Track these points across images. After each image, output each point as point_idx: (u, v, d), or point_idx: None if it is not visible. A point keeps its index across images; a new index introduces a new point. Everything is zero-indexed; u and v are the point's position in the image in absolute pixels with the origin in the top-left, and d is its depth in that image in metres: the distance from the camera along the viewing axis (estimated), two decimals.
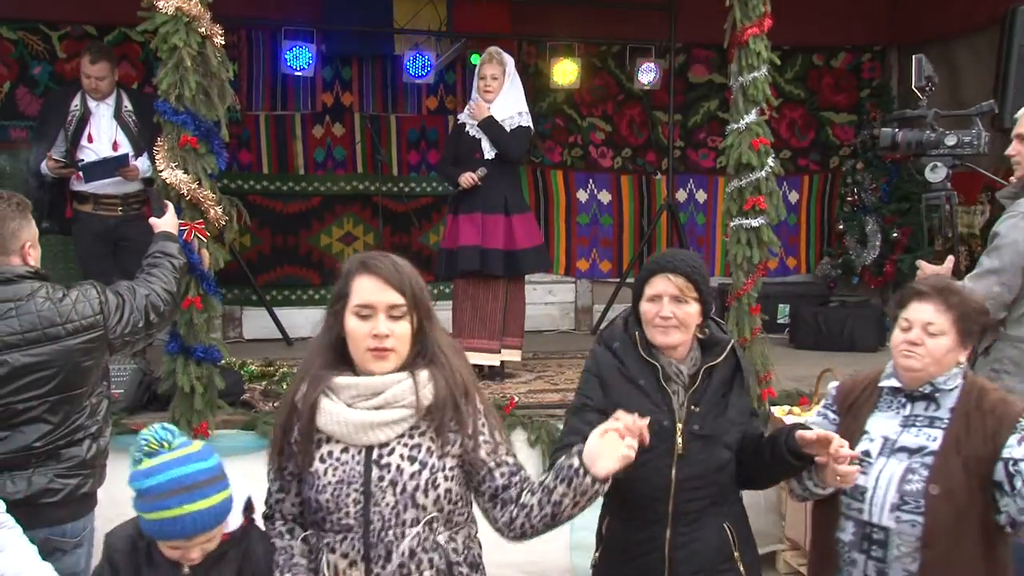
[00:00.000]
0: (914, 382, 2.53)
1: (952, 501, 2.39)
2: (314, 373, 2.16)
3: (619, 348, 2.57)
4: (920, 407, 2.54)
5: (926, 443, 2.48)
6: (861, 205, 7.32)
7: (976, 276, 3.40)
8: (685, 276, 2.49)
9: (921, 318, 2.50)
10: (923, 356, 2.48)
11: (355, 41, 6.89)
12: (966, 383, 2.55)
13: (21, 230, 2.80)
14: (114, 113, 5.22)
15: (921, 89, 3.82)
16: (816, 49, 7.69)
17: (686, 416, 2.49)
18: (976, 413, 2.48)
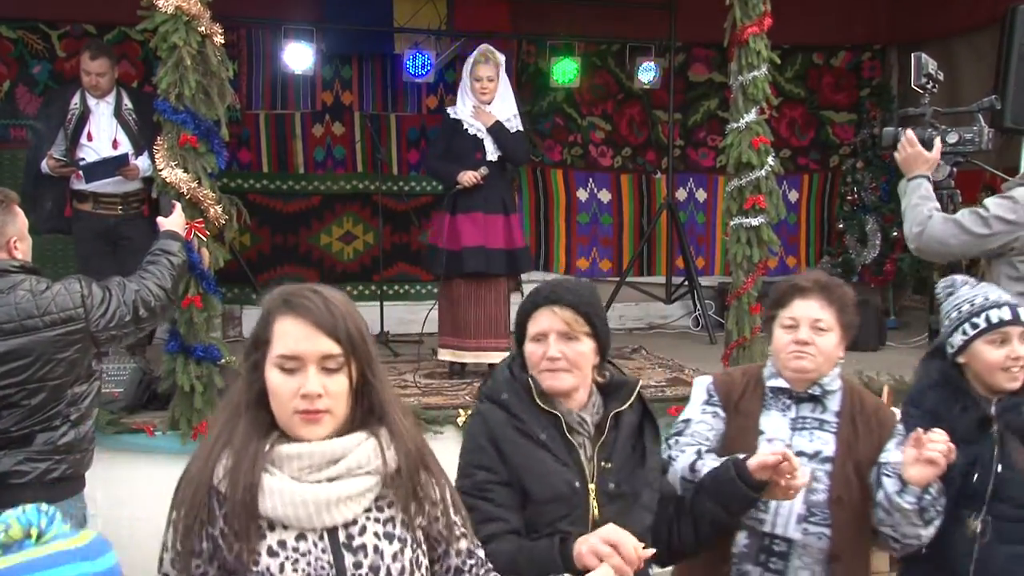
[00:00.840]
0: (802, 383, 2.44)
1: (851, 510, 2.33)
2: (239, 444, 1.67)
3: (509, 400, 2.15)
4: (807, 409, 2.45)
5: (821, 448, 2.40)
6: (861, 204, 7.31)
7: (947, 219, 3.42)
8: (573, 308, 2.14)
9: (808, 315, 2.40)
10: (815, 355, 2.39)
11: (355, 40, 6.89)
12: (845, 384, 2.49)
13: (5, 226, 2.87)
14: (114, 111, 5.22)
15: (922, 87, 3.82)
16: (816, 48, 7.69)
17: (597, 474, 2.11)
18: (861, 416, 2.43)
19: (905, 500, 2.27)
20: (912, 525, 2.30)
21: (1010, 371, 2.51)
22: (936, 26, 6.84)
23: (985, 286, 2.65)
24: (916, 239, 3.46)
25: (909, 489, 2.26)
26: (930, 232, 3.42)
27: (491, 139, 5.13)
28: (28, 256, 2.95)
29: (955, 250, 3.46)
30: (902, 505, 2.27)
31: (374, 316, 6.51)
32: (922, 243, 3.46)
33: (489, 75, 5.14)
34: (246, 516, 1.62)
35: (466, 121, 5.18)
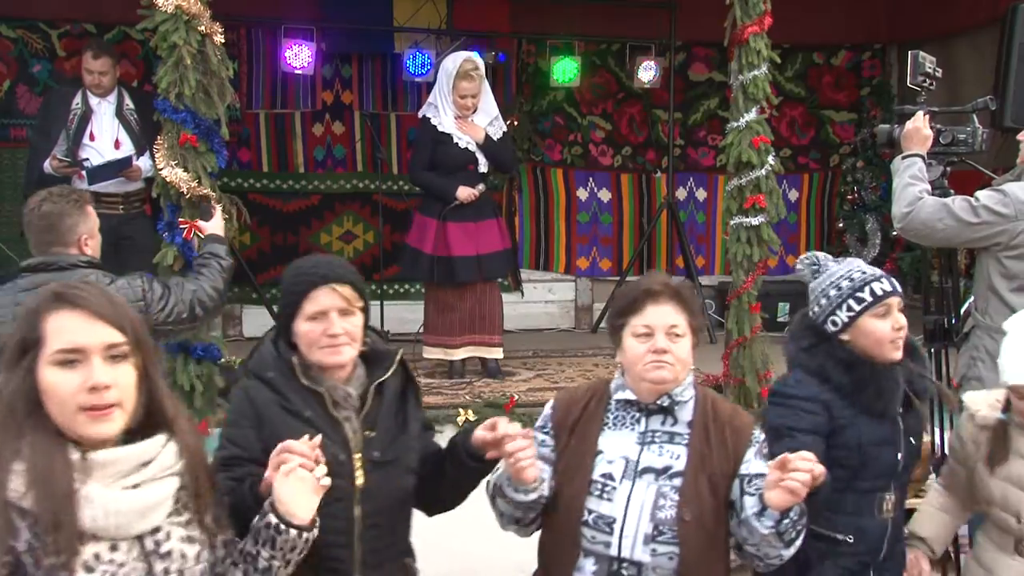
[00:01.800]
0: (656, 394, 2.29)
1: (703, 527, 2.20)
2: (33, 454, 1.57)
3: (275, 379, 2.19)
4: (656, 421, 2.31)
5: (671, 462, 2.25)
6: (861, 203, 7.32)
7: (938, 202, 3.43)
8: (351, 285, 2.20)
9: (664, 321, 2.26)
10: (673, 364, 2.25)
11: (355, 39, 6.89)
12: (699, 392, 2.36)
13: (78, 224, 3.08)
14: (116, 111, 5.23)
15: (919, 85, 3.82)
16: (816, 47, 7.69)
17: (362, 443, 2.17)
18: (715, 425, 2.30)
19: (763, 525, 2.16)
20: (772, 547, 2.19)
21: (895, 342, 2.49)
22: (936, 25, 6.84)
23: (850, 260, 2.64)
24: (903, 219, 3.47)
25: (768, 513, 2.15)
26: (918, 214, 3.43)
27: (482, 152, 5.10)
28: (97, 253, 3.17)
29: (939, 235, 3.46)
30: (759, 530, 2.16)
31: (374, 315, 6.51)
32: (908, 224, 3.46)
33: (472, 92, 5.00)
34: (65, 529, 1.54)
35: (455, 135, 5.06)
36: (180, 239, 3.80)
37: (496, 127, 5.17)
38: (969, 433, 2.64)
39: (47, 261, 3.03)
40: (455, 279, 5.09)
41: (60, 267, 3.02)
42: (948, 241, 3.58)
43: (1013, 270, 3.38)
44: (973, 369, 3.47)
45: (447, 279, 5.11)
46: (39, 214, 3.07)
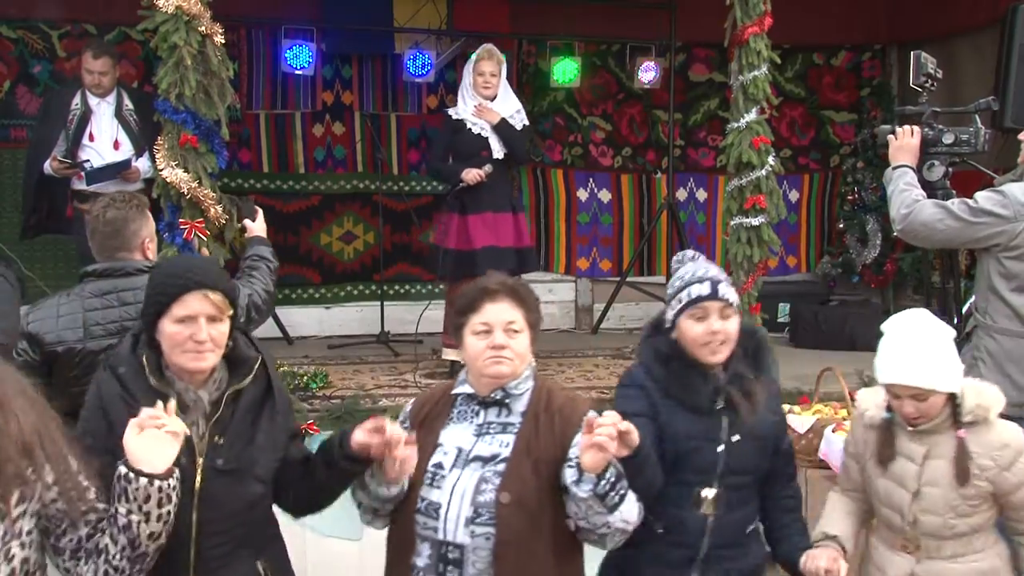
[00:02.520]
0: (492, 388, 2.39)
1: (524, 509, 2.28)
2: None
3: (126, 374, 2.21)
4: (492, 413, 2.41)
5: (500, 450, 2.35)
6: (861, 204, 7.31)
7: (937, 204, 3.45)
8: (223, 292, 2.22)
9: (501, 318, 2.36)
10: (512, 359, 2.35)
11: (355, 40, 6.89)
12: (537, 384, 2.46)
13: (141, 229, 3.15)
14: (115, 111, 5.23)
15: (920, 86, 3.82)
16: (816, 48, 7.69)
17: (208, 450, 2.18)
18: (545, 415, 2.39)
19: (582, 489, 2.24)
20: (597, 513, 2.26)
21: (709, 345, 2.53)
22: (936, 25, 6.84)
23: (703, 263, 2.65)
24: (903, 220, 3.49)
25: (585, 477, 2.23)
26: (918, 215, 3.44)
27: (496, 137, 5.12)
28: (155, 255, 3.26)
29: (939, 235, 3.47)
30: (579, 495, 2.24)
31: (375, 316, 6.51)
32: (908, 225, 3.48)
33: (492, 70, 5.14)
34: None
35: (469, 120, 5.16)
36: (180, 240, 3.80)
37: (518, 119, 5.22)
38: (859, 432, 2.72)
39: (113, 267, 3.08)
40: (476, 271, 5.06)
41: (126, 272, 3.07)
42: (948, 242, 3.59)
43: (1013, 270, 3.39)
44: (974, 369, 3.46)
45: (468, 272, 5.08)
46: (104, 220, 3.10)
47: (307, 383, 4.97)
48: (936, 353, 2.51)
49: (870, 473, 2.68)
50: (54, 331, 3.02)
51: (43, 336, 3.02)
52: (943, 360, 2.51)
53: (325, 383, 5.04)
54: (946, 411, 2.55)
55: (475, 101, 5.17)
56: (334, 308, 6.98)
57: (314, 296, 6.99)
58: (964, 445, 2.53)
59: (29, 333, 3.04)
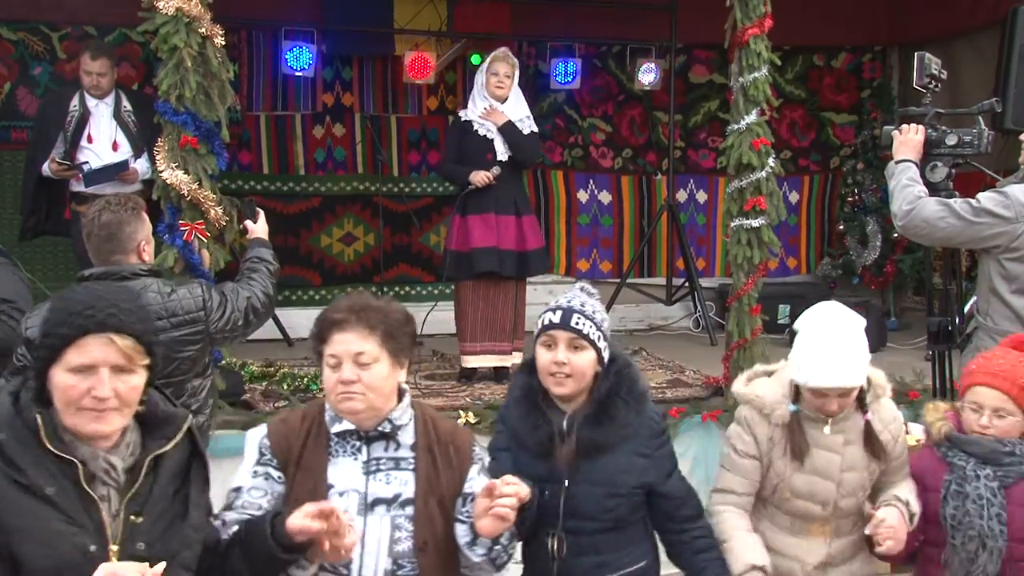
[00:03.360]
0: (366, 422, 2.19)
1: (440, 552, 2.16)
2: None
3: (7, 442, 1.74)
4: (379, 448, 2.20)
5: (400, 489, 2.17)
6: (862, 205, 7.31)
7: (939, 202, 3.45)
8: (136, 337, 1.79)
9: (349, 350, 2.14)
10: (364, 393, 2.13)
11: (355, 41, 6.89)
12: (417, 412, 2.28)
13: (137, 232, 3.12)
14: (113, 113, 5.23)
15: (924, 87, 3.82)
16: (817, 49, 7.69)
17: (124, 531, 1.77)
18: (439, 447, 2.24)
19: (475, 553, 2.15)
20: (484, 571, 2.21)
21: (555, 376, 2.44)
22: (937, 27, 6.84)
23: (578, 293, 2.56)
24: (904, 217, 3.48)
25: (480, 541, 2.13)
26: (920, 212, 3.44)
27: (502, 139, 5.12)
28: (152, 258, 3.26)
29: (940, 233, 3.47)
30: (472, 558, 2.16)
31: None
32: (909, 221, 3.48)
33: (507, 71, 5.14)
34: None
35: (476, 122, 5.15)
36: (180, 241, 3.80)
37: (527, 124, 5.22)
38: (764, 431, 2.67)
39: (109, 271, 3.06)
40: (473, 271, 5.08)
41: (123, 276, 3.06)
42: (948, 240, 3.58)
43: (1013, 272, 3.39)
44: None
45: (466, 272, 5.11)
46: (99, 223, 3.08)
47: (307, 385, 4.97)
48: (856, 349, 2.55)
49: (782, 471, 2.66)
50: None
51: None
52: (862, 353, 2.56)
53: None
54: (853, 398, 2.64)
55: (486, 103, 5.15)
56: None
57: (314, 298, 6.98)
58: (871, 425, 2.65)
59: (27, 339, 3.02)
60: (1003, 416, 2.62)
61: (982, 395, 2.65)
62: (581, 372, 2.45)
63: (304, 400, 4.66)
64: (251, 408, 4.42)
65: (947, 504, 2.65)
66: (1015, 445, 2.63)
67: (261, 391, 4.75)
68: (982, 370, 2.68)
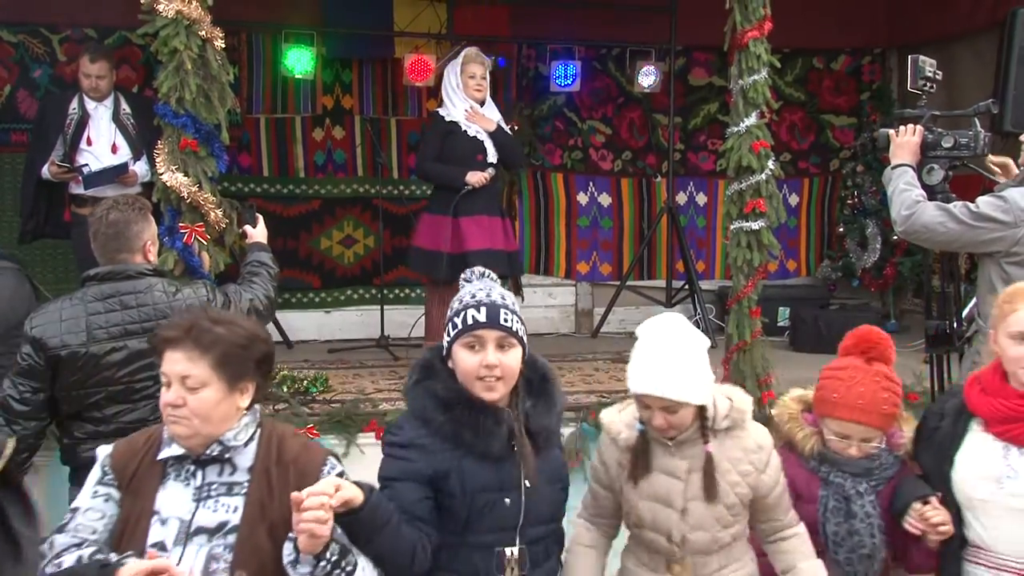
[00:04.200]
0: (196, 447, 2.08)
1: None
2: None
3: None
4: (213, 472, 2.09)
5: (227, 517, 2.05)
6: (861, 208, 7.31)
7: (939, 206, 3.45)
8: None
9: (176, 370, 2.05)
10: (188, 417, 2.03)
11: (355, 44, 6.89)
12: (264, 432, 2.16)
13: (143, 231, 3.18)
14: (112, 115, 5.24)
15: (919, 90, 3.83)
16: (816, 52, 7.70)
17: None
18: (278, 468, 2.10)
19: (299, 572, 2.00)
20: None
21: (484, 380, 2.22)
22: (936, 29, 6.84)
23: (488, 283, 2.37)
24: (904, 221, 3.49)
25: (302, 558, 1.99)
26: (919, 217, 3.45)
27: (493, 142, 5.12)
28: (156, 258, 3.30)
29: (940, 237, 3.48)
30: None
31: (375, 320, 6.51)
32: (909, 226, 3.49)
33: (482, 73, 5.13)
34: None
35: (463, 123, 5.13)
36: (180, 244, 3.80)
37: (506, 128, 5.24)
38: (613, 456, 2.55)
39: (114, 271, 3.12)
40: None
41: (128, 276, 3.12)
42: (948, 244, 3.59)
43: (1014, 276, 3.39)
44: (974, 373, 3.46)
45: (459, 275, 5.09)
46: (107, 222, 3.13)
47: (307, 387, 4.97)
48: (688, 364, 2.38)
49: (628, 496, 2.50)
50: (57, 335, 3.05)
51: (46, 340, 3.05)
52: (694, 371, 2.39)
53: (325, 387, 5.04)
54: (697, 424, 2.45)
55: (465, 104, 5.14)
56: (334, 312, 6.98)
57: (314, 300, 6.98)
58: (711, 459, 2.43)
59: (33, 337, 3.06)
60: (870, 440, 2.66)
61: (849, 428, 2.64)
62: (512, 373, 2.27)
63: (304, 403, 4.66)
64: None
65: (828, 521, 2.63)
66: (881, 455, 2.69)
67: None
68: (844, 404, 2.63)
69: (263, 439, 2.14)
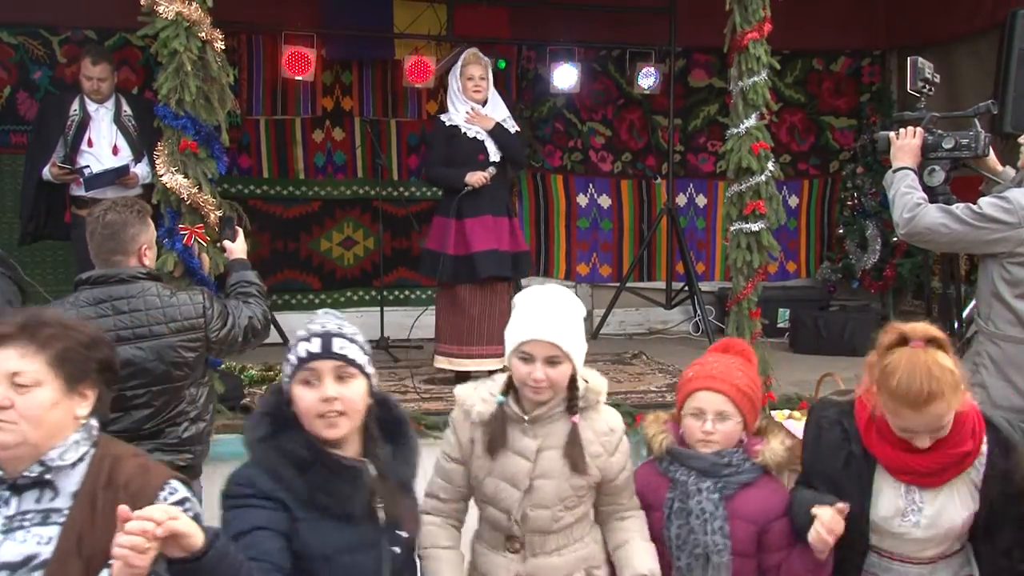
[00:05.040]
0: (18, 463, 1.83)
1: None
2: None
3: None
4: (31, 499, 1.84)
5: (37, 549, 1.79)
6: (861, 209, 7.32)
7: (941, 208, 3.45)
8: None
9: (6, 368, 1.83)
10: (16, 423, 1.80)
11: (355, 45, 6.89)
12: (97, 453, 1.91)
13: (140, 235, 3.12)
14: (113, 117, 5.24)
15: (918, 91, 3.83)
16: (816, 53, 7.70)
17: None
18: (106, 493, 1.85)
19: None
20: None
21: (326, 418, 2.04)
22: (936, 31, 6.84)
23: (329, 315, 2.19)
24: (906, 225, 3.49)
25: None
26: (921, 219, 3.44)
27: (493, 141, 5.12)
28: (153, 264, 3.26)
29: (943, 240, 3.47)
30: None
31: (374, 321, 6.51)
32: (912, 229, 3.48)
33: (480, 74, 5.14)
34: None
35: (463, 125, 5.15)
36: (180, 245, 3.80)
37: (509, 124, 5.23)
38: (466, 431, 2.50)
39: (107, 274, 3.07)
40: (476, 276, 5.06)
41: (121, 279, 3.06)
42: (951, 246, 3.58)
43: (1017, 276, 3.38)
44: (976, 375, 3.46)
45: (468, 277, 5.08)
46: (103, 223, 3.09)
47: None
48: (572, 321, 2.45)
49: (477, 473, 2.49)
50: None
51: None
52: (577, 330, 2.45)
53: None
54: (563, 395, 2.47)
55: (466, 106, 5.15)
56: None
57: (314, 302, 6.97)
58: (577, 432, 2.45)
59: None
60: (725, 419, 2.55)
61: (703, 399, 2.56)
62: (355, 407, 2.07)
63: None
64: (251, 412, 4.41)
65: (671, 523, 2.55)
66: (732, 455, 2.57)
67: (261, 395, 4.74)
68: (699, 376, 2.61)
69: (95, 460, 1.89)
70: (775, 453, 2.60)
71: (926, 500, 2.44)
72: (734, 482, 2.54)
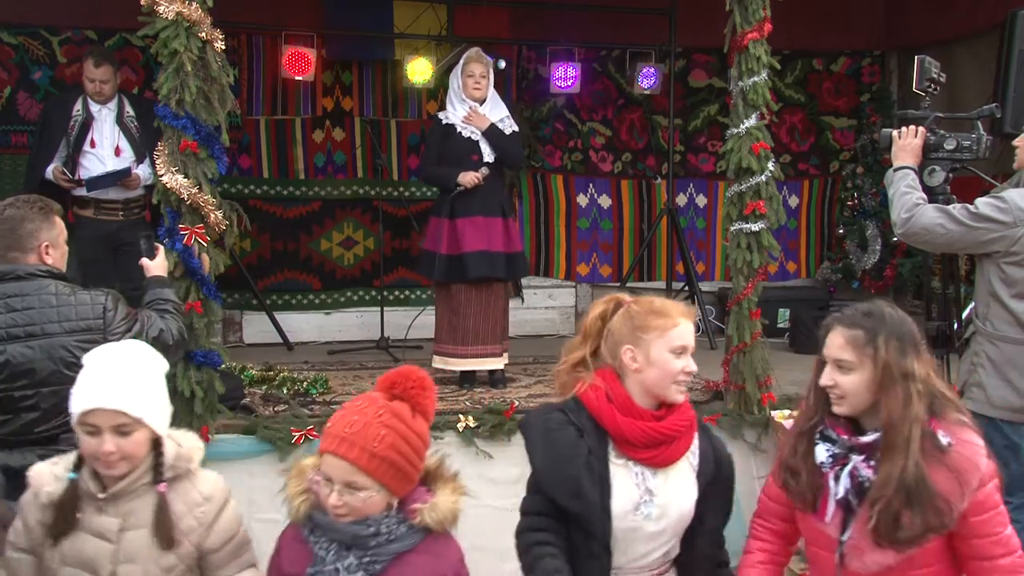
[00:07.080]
0: None
1: None
2: None
3: None
4: None
5: None
6: (861, 209, 7.33)
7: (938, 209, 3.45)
8: None
9: None
10: None
11: (355, 46, 6.90)
12: None
13: (39, 231, 3.01)
14: (116, 118, 5.25)
15: (923, 91, 3.83)
16: (816, 54, 7.70)
17: None
18: None
19: None
20: None
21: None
22: (936, 31, 6.84)
23: None
24: (904, 224, 3.49)
25: None
26: (919, 219, 3.45)
27: (487, 142, 5.13)
28: (61, 264, 3.11)
29: (940, 239, 3.48)
30: None
31: (375, 321, 6.51)
32: (909, 229, 3.49)
33: (481, 72, 5.14)
34: None
35: (459, 124, 5.14)
36: (181, 246, 3.80)
37: (507, 124, 5.22)
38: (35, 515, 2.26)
39: (3, 270, 2.95)
40: (467, 276, 5.06)
41: (17, 276, 2.95)
42: (948, 247, 3.59)
43: (1014, 276, 3.39)
44: (974, 375, 3.47)
45: (460, 277, 5.09)
46: (1, 219, 2.99)
47: (307, 389, 4.97)
48: (143, 381, 2.23)
49: (49, 563, 2.21)
50: None
51: None
52: (152, 391, 2.25)
53: (325, 389, 5.05)
54: (147, 464, 2.22)
55: (465, 105, 5.15)
56: (334, 314, 6.98)
57: (314, 302, 6.98)
58: (166, 504, 2.21)
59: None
60: (355, 491, 2.08)
61: (330, 465, 2.09)
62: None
63: (304, 404, 4.67)
64: (251, 412, 4.42)
65: None
66: (380, 523, 2.12)
67: (261, 395, 4.75)
68: (330, 433, 2.13)
69: None
70: (440, 512, 2.17)
71: (658, 487, 2.39)
72: (385, 552, 2.12)
